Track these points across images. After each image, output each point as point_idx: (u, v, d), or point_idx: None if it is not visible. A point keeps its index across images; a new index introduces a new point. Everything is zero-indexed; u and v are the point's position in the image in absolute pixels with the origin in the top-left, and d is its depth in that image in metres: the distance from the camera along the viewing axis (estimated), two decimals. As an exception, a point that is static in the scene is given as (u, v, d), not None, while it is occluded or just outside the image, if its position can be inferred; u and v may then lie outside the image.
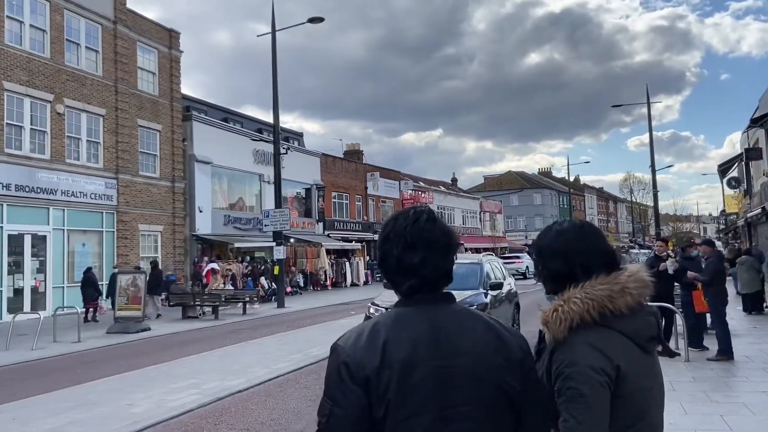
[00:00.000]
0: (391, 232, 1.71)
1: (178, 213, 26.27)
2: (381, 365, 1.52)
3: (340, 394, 1.53)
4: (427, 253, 1.66)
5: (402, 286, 1.68)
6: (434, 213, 1.76)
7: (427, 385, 1.53)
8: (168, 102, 26.18)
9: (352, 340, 1.59)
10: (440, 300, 1.69)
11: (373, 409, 1.51)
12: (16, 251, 19.53)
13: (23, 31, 19.89)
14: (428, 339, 1.57)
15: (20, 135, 19.65)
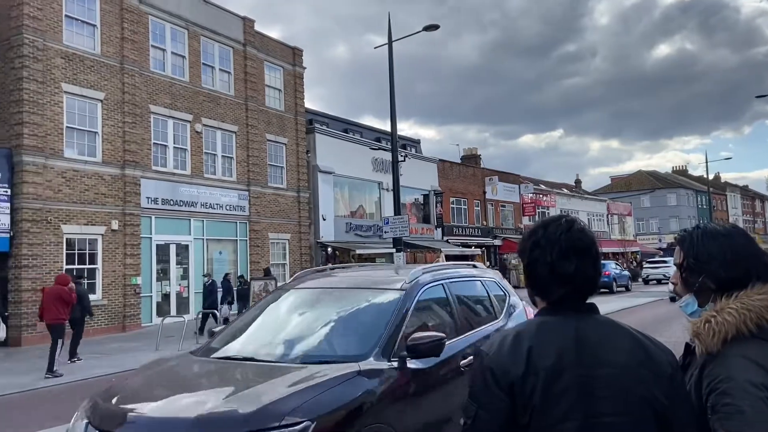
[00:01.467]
0: (543, 238, 1.71)
1: (304, 221, 27.48)
2: (526, 372, 1.55)
3: (485, 398, 1.57)
4: (580, 261, 1.66)
5: (553, 294, 1.69)
6: (582, 222, 1.77)
7: (572, 393, 1.54)
8: (293, 116, 27.53)
9: (497, 347, 1.63)
10: (586, 310, 1.69)
11: (518, 414, 1.54)
12: (163, 259, 21.42)
13: (165, 58, 21.85)
14: (573, 348, 1.58)
15: (165, 153, 21.57)
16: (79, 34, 18.93)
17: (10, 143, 17.11)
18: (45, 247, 17.33)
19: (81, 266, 18.30)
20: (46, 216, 17.44)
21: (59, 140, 17.99)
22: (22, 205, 16.89)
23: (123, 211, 19.61)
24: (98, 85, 19.21)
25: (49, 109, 17.77)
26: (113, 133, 19.57)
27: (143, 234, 20.34)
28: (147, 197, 20.55)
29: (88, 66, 18.98)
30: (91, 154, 18.97)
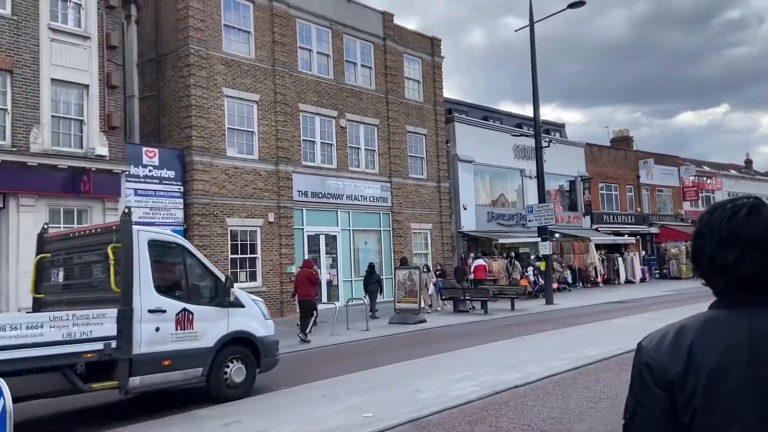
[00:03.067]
0: (705, 226, 1.58)
1: (445, 211, 27.54)
2: (686, 370, 1.46)
3: (643, 395, 1.51)
4: (747, 250, 1.49)
5: (717, 285, 1.55)
6: (761, 205, 1.56)
7: (743, 394, 1.42)
8: (432, 107, 27.64)
9: (656, 342, 1.55)
10: (763, 303, 1.50)
11: (678, 413, 1.46)
12: (314, 249, 22.60)
13: (312, 58, 22.95)
14: (745, 344, 1.44)
15: (313, 149, 22.71)
16: (236, 41, 20.49)
17: (182, 144, 19.00)
18: (213, 239, 19.06)
19: (243, 256, 19.89)
20: (213, 210, 19.16)
21: (222, 140, 19.65)
22: (193, 200, 18.69)
23: (278, 205, 20.97)
24: (254, 88, 20.68)
25: (213, 112, 19.45)
26: (267, 132, 20.97)
27: (295, 225, 21.61)
28: (298, 191, 21.79)
29: (245, 70, 20.49)
30: (249, 152, 20.48)
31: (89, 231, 8.84)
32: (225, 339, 8.36)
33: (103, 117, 16.53)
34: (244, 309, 8.81)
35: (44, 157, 15.18)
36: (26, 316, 7.14)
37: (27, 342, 6.49)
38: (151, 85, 20.46)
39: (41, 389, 6.91)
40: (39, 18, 15.47)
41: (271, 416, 7.10)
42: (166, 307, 7.81)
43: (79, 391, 7.05)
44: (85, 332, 6.94)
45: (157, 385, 7.78)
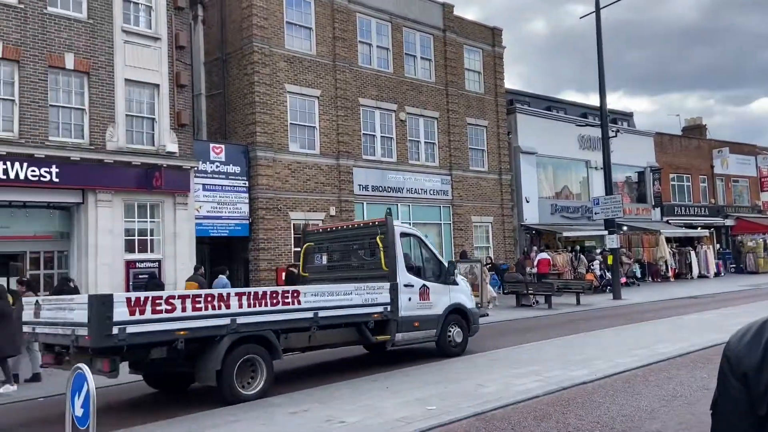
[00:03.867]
0: None
1: (506, 204, 27.11)
2: (761, 364, 1.45)
3: (723, 386, 1.53)
4: None
5: None
6: None
7: None
8: (493, 98, 27.22)
9: (740, 335, 1.55)
10: None
11: (755, 405, 1.44)
12: (375, 243, 22.74)
13: (372, 52, 23.03)
14: None
15: (373, 143, 22.82)
16: (297, 38, 20.81)
17: (246, 140, 19.50)
18: (277, 232, 19.49)
19: (305, 249, 20.24)
20: (276, 204, 19.59)
21: (285, 136, 20.03)
22: (257, 195, 19.17)
23: (339, 198, 21.22)
24: (315, 84, 20.96)
25: (276, 108, 19.85)
26: (328, 127, 21.22)
27: (357, 219, 21.79)
28: (359, 185, 21.96)
29: (306, 66, 20.79)
30: (311, 147, 20.80)
31: (353, 226, 12.34)
32: (449, 309, 10.94)
33: (173, 115, 17.17)
34: (458, 287, 11.42)
35: (119, 154, 15.93)
36: (342, 286, 9.68)
37: (344, 304, 9.31)
38: (217, 83, 21.09)
39: (347, 339, 9.82)
40: (113, 21, 16.21)
41: (336, 406, 7.21)
42: (414, 283, 10.46)
43: (368, 341, 9.96)
44: (373, 299, 9.67)
45: (410, 341, 10.48)
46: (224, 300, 7.86)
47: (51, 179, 14.69)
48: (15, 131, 14.50)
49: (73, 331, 7.16)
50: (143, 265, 16.44)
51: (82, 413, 5.03)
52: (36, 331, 8.20)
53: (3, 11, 14.46)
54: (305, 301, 8.75)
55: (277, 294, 8.56)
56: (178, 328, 7.37)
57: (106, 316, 6.85)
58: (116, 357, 7.16)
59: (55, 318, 7.75)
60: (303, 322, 8.73)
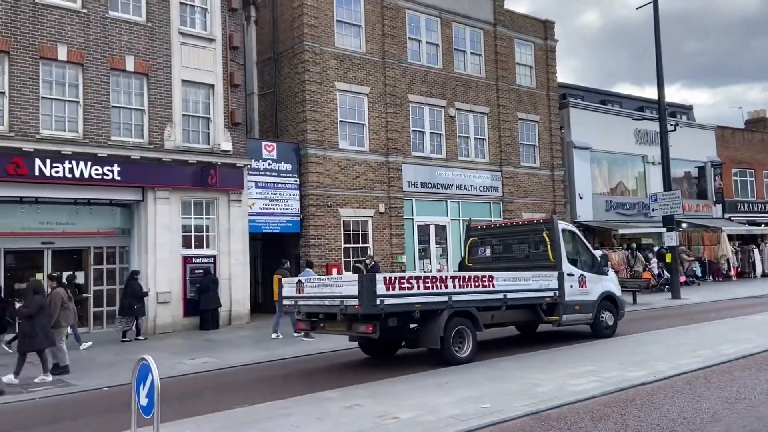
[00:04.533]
0: None
1: (559, 200, 26.58)
2: None
3: None
4: None
5: None
6: None
7: None
8: (544, 92, 26.71)
9: None
10: None
11: None
12: (423, 239, 22.71)
13: (421, 48, 22.96)
14: None
15: (422, 139, 22.75)
16: (347, 36, 20.94)
17: (297, 138, 19.77)
18: (327, 229, 19.71)
19: (355, 245, 20.40)
20: (326, 201, 19.79)
21: (335, 133, 20.21)
22: (308, 192, 19.42)
23: (388, 195, 21.27)
24: (364, 81, 21.05)
25: (326, 106, 20.04)
26: (377, 124, 21.29)
27: (405, 216, 21.81)
28: (408, 181, 21.94)
29: (356, 64, 20.91)
30: (360, 144, 20.92)
31: (516, 223, 14.19)
32: (601, 296, 12.47)
33: (227, 114, 17.57)
34: (608, 276, 12.96)
35: (176, 153, 16.42)
36: (523, 274, 11.27)
37: (526, 288, 11.13)
38: (269, 83, 21.45)
39: (525, 318, 11.64)
40: (170, 23, 16.70)
41: (390, 402, 7.23)
42: (574, 272, 12.06)
43: (541, 320, 11.66)
44: (545, 285, 11.40)
45: (572, 322, 12.04)
46: (444, 282, 9.99)
47: (113, 177, 15.28)
48: (80, 131, 15.15)
49: (342, 302, 9.26)
50: (199, 260, 16.91)
51: (147, 402, 5.23)
52: (298, 303, 10.28)
53: (67, 16, 15.11)
54: (497, 284, 10.65)
55: (478, 278, 10.48)
56: (415, 302, 9.53)
57: (372, 291, 8.98)
58: (377, 321, 9.24)
59: (321, 293, 9.83)
60: (496, 301, 10.66)
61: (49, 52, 14.75)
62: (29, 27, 14.55)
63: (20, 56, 14.37)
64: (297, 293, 10.31)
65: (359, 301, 8.96)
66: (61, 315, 10.73)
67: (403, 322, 9.67)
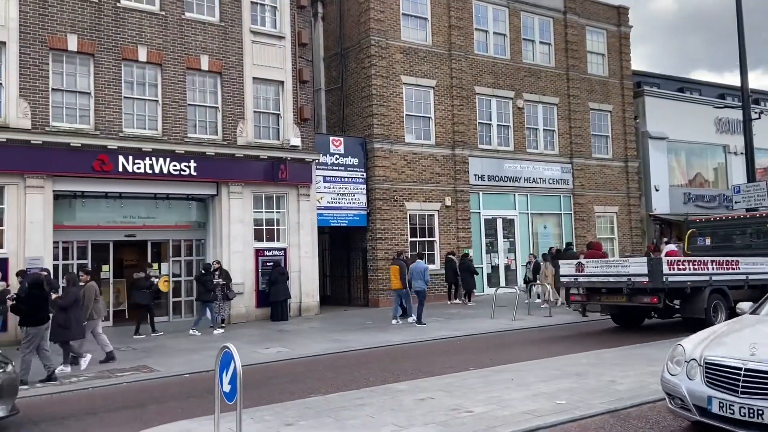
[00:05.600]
0: None
1: (633, 193, 25.62)
2: None
3: None
4: None
5: None
6: None
7: None
8: (618, 81, 25.76)
9: None
10: None
11: None
12: (490, 233, 22.43)
13: (488, 39, 22.61)
14: None
15: (489, 131, 22.44)
16: (413, 29, 20.89)
17: (364, 133, 19.92)
18: (393, 222, 19.78)
19: (422, 239, 20.39)
20: (393, 195, 19.87)
21: (401, 127, 20.23)
22: (374, 186, 19.54)
23: (454, 189, 21.11)
24: (430, 74, 20.95)
25: (392, 100, 20.09)
26: (444, 117, 21.15)
27: (472, 209, 21.60)
28: (474, 174, 21.71)
29: (422, 57, 20.83)
30: (426, 138, 20.85)
31: (738, 216, 15.78)
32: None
33: (296, 110, 17.90)
34: None
35: (248, 148, 16.89)
36: (760, 259, 12.94)
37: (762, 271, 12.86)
38: (336, 78, 21.71)
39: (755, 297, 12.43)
40: (242, 23, 17.17)
41: (462, 395, 7.19)
42: None
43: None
44: None
45: None
46: (705, 265, 12.08)
47: (190, 173, 15.88)
48: (159, 129, 15.83)
49: (629, 279, 11.45)
50: (270, 253, 17.35)
51: (230, 389, 5.40)
52: (578, 281, 12.68)
53: (147, 18, 15.80)
54: (742, 267, 12.54)
55: (729, 262, 12.45)
56: (688, 280, 11.70)
57: (659, 270, 11.30)
58: (661, 294, 11.42)
59: (605, 272, 12.08)
60: (740, 281, 12.51)
61: (131, 53, 15.48)
62: (112, 30, 15.31)
63: (104, 58, 15.15)
64: (576, 272, 12.67)
65: (648, 278, 11.21)
66: (94, 308, 11.00)
67: (672, 297, 11.89)
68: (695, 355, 5.48)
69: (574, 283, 12.86)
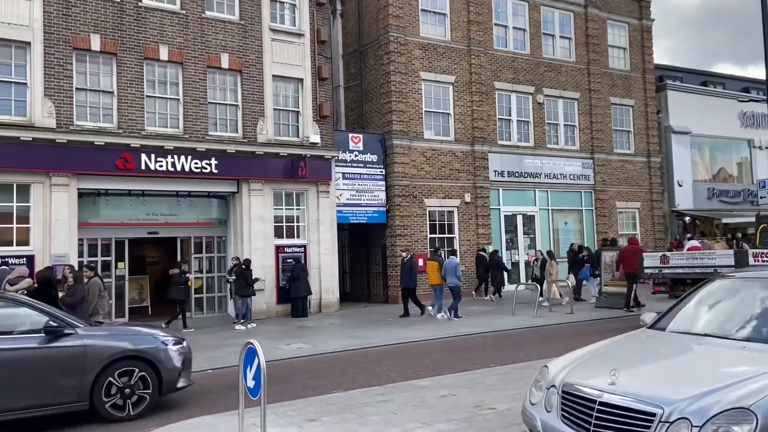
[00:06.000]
0: None
1: (656, 188, 25.29)
2: None
3: None
4: None
5: None
6: None
7: None
8: (640, 75, 25.42)
9: None
10: None
11: None
12: (510, 229, 22.28)
13: (507, 34, 22.43)
14: None
15: (509, 127, 22.29)
16: (432, 25, 20.80)
17: (383, 129, 19.90)
18: (412, 219, 19.76)
19: (441, 235, 20.34)
20: (412, 191, 19.83)
21: (419, 123, 20.18)
22: (393, 182, 19.53)
23: (474, 185, 21.01)
24: (449, 70, 20.86)
25: (411, 96, 20.04)
26: (463, 113, 21.05)
27: (492, 205, 21.48)
28: (494, 170, 21.58)
29: (441, 53, 20.74)
30: (445, 134, 20.77)
31: None
32: None
33: (315, 107, 17.95)
34: None
35: (268, 146, 16.97)
36: None
37: None
38: (354, 75, 21.71)
39: None
40: (261, 21, 17.24)
41: (485, 392, 7.16)
42: None
43: None
44: None
45: None
46: None
47: (211, 171, 16.02)
48: (180, 127, 15.98)
49: (716, 269, 11.34)
50: (290, 249, 17.43)
51: (254, 384, 5.44)
52: (662, 272, 13.17)
53: (168, 17, 15.94)
54: None
55: None
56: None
57: (746, 261, 11.70)
58: None
59: (690, 264, 12.52)
60: None
61: (152, 52, 15.64)
62: (134, 29, 15.47)
63: (126, 57, 15.33)
64: (661, 264, 13.07)
65: (736, 268, 11.21)
66: (98, 303, 11.08)
67: None
68: (556, 380, 4.31)
69: (658, 275, 13.39)
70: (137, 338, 7.33)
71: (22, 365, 6.53)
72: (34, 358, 6.59)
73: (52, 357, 6.65)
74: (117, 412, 6.91)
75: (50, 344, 6.68)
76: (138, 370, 7.03)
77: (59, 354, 6.67)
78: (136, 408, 7.01)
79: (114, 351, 6.95)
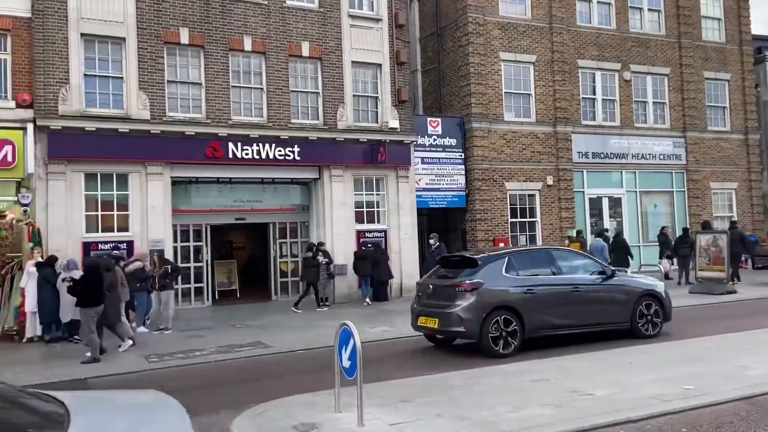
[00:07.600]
0: None
1: (754, 167, 23.64)
2: None
3: None
4: None
5: None
6: None
7: None
8: (736, 47, 23.72)
9: None
10: None
11: None
12: (595, 213, 21.50)
13: (591, 9, 21.49)
14: None
15: (593, 106, 21.42)
16: (511, 3, 20.23)
17: (461, 113, 19.64)
18: (493, 203, 19.44)
19: (522, 219, 19.92)
20: (492, 175, 19.50)
21: (499, 105, 19.76)
22: (473, 166, 19.27)
23: (556, 167, 20.40)
24: (530, 49, 20.26)
25: (490, 78, 19.63)
26: (544, 93, 20.42)
27: (576, 188, 20.78)
28: (578, 152, 20.85)
29: (521, 32, 20.17)
30: (526, 115, 20.24)
31: None
32: None
33: (394, 92, 17.94)
34: None
35: (348, 132, 17.15)
36: None
37: None
38: (432, 58, 21.51)
39: None
40: (340, 7, 17.36)
41: (581, 377, 6.98)
42: None
43: None
44: None
45: None
46: None
47: (293, 158, 16.38)
48: (264, 116, 16.41)
49: None
50: (371, 234, 17.61)
51: (350, 365, 5.55)
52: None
53: (251, 8, 16.34)
54: None
55: None
56: None
57: None
58: None
59: None
60: None
61: (237, 43, 16.11)
62: (219, 21, 15.98)
63: (213, 49, 15.87)
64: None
65: None
66: (120, 291, 11.14)
67: None
68: None
69: None
70: (650, 282, 10.50)
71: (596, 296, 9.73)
72: (600, 290, 9.79)
73: (610, 290, 9.84)
74: (646, 332, 9.89)
75: (606, 282, 9.88)
76: (653, 304, 10.01)
77: (612, 288, 9.86)
78: (653, 329, 9.98)
79: (643, 289, 10.11)
